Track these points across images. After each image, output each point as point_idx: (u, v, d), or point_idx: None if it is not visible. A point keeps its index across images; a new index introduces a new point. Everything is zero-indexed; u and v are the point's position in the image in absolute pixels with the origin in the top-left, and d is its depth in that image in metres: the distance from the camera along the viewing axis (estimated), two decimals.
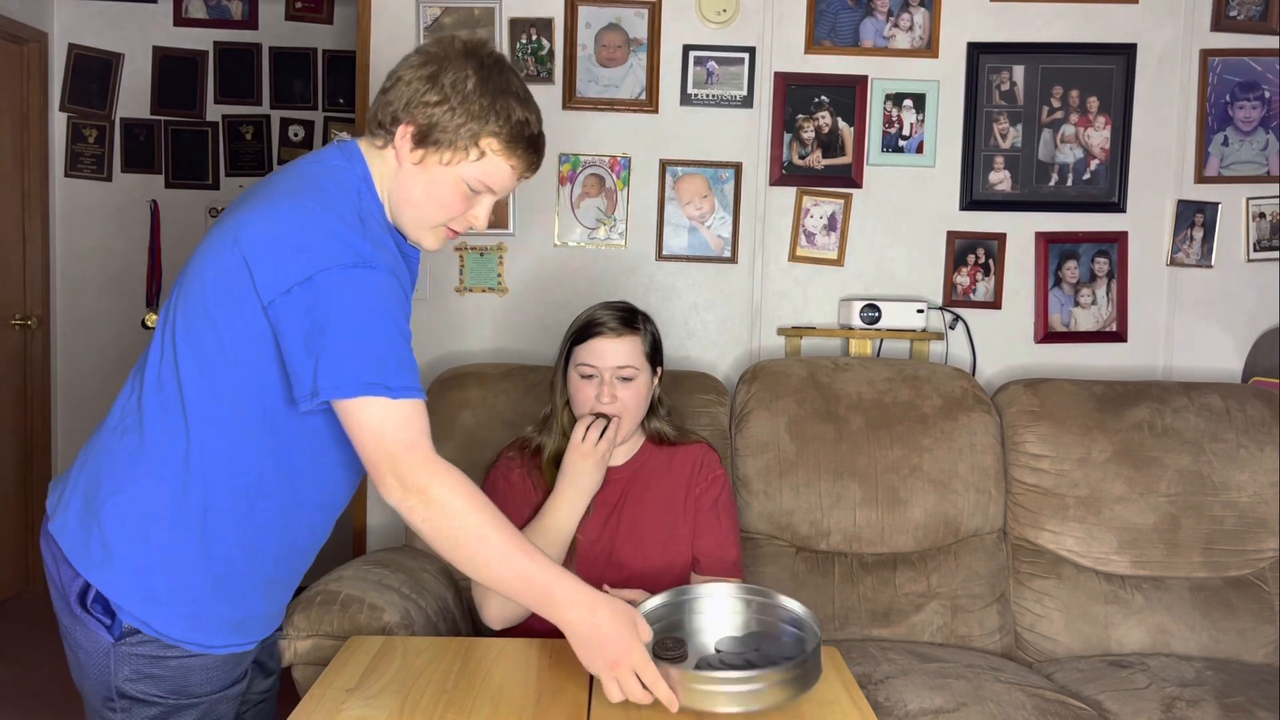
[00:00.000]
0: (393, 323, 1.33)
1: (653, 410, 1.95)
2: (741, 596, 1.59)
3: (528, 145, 1.43)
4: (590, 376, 1.85)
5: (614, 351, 1.84)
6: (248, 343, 1.35)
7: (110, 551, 1.39)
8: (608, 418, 1.83)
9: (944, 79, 2.86)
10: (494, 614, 1.76)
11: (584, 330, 1.88)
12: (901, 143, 2.87)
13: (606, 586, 1.68)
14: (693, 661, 1.46)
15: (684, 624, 1.56)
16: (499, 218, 2.86)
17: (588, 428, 1.82)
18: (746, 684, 1.34)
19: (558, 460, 1.87)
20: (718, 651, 1.49)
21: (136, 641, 1.39)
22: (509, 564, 1.34)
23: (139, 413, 1.41)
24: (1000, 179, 2.88)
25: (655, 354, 1.91)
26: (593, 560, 1.83)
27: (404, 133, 1.39)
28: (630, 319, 1.89)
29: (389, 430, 1.31)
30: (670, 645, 1.45)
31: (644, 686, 1.34)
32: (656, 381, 1.94)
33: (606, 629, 1.35)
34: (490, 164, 1.41)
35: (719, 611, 1.58)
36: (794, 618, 1.55)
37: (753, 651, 1.49)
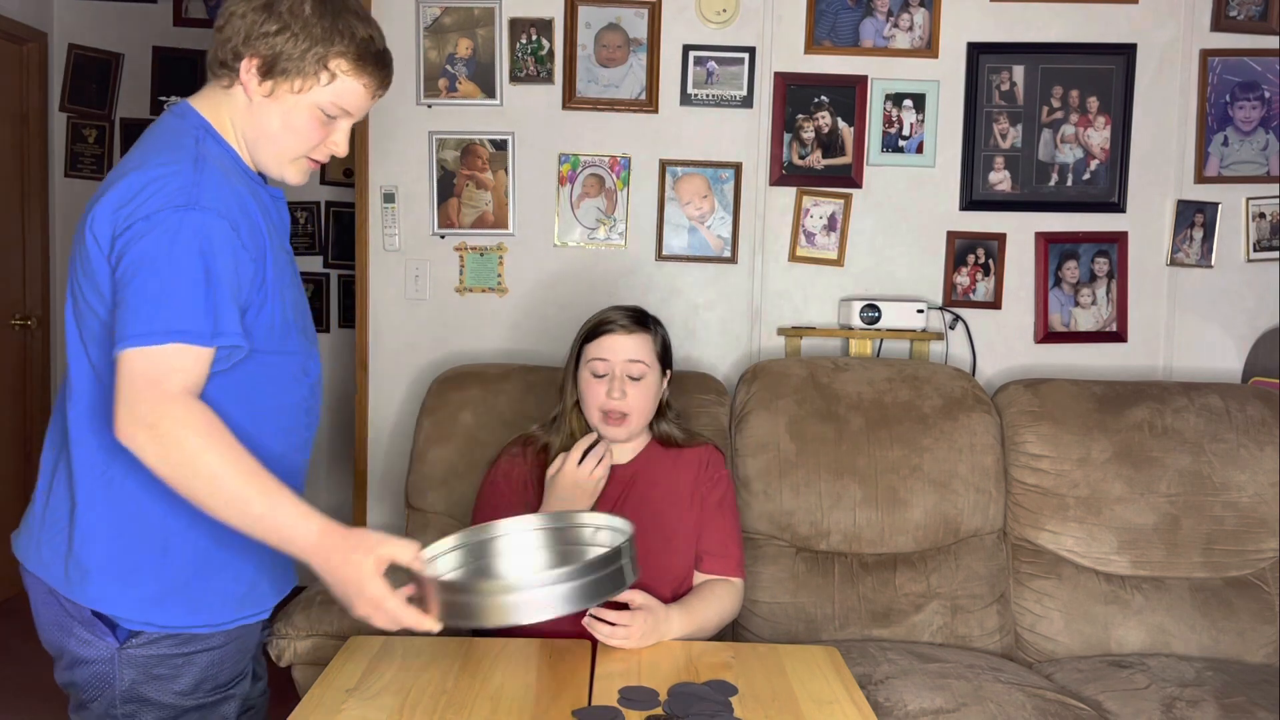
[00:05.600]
0: (200, 264, 1.28)
1: (661, 413, 1.96)
2: (542, 527, 1.55)
3: (376, 61, 1.43)
4: (602, 376, 1.86)
5: (625, 347, 1.86)
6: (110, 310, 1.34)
7: (85, 568, 1.38)
8: (608, 439, 1.82)
9: (944, 79, 2.86)
10: None
11: (595, 329, 1.90)
12: (901, 143, 2.87)
13: None
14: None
15: (489, 568, 1.51)
16: (499, 218, 2.87)
17: (585, 453, 1.81)
18: (505, 593, 1.28)
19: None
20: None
21: (139, 643, 1.39)
22: (243, 509, 1.28)
23: (63, 426, 1.41)
24: (1000, 179, 2.88)
25: (665, 355, 1.93)
26: None
27: (248, 67, 1.38)
28: (641, 319, 1.92)
29: (139, 364, 1.26)
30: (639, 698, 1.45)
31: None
32: (665, 384, 1.94)
33: (340, 574, 1.31)
34: (342, 85, 1.41)
35: (520, 547, 1.53)
36: (604, 531, 1.51)
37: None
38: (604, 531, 1.52)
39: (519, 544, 1.54)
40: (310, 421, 1.52)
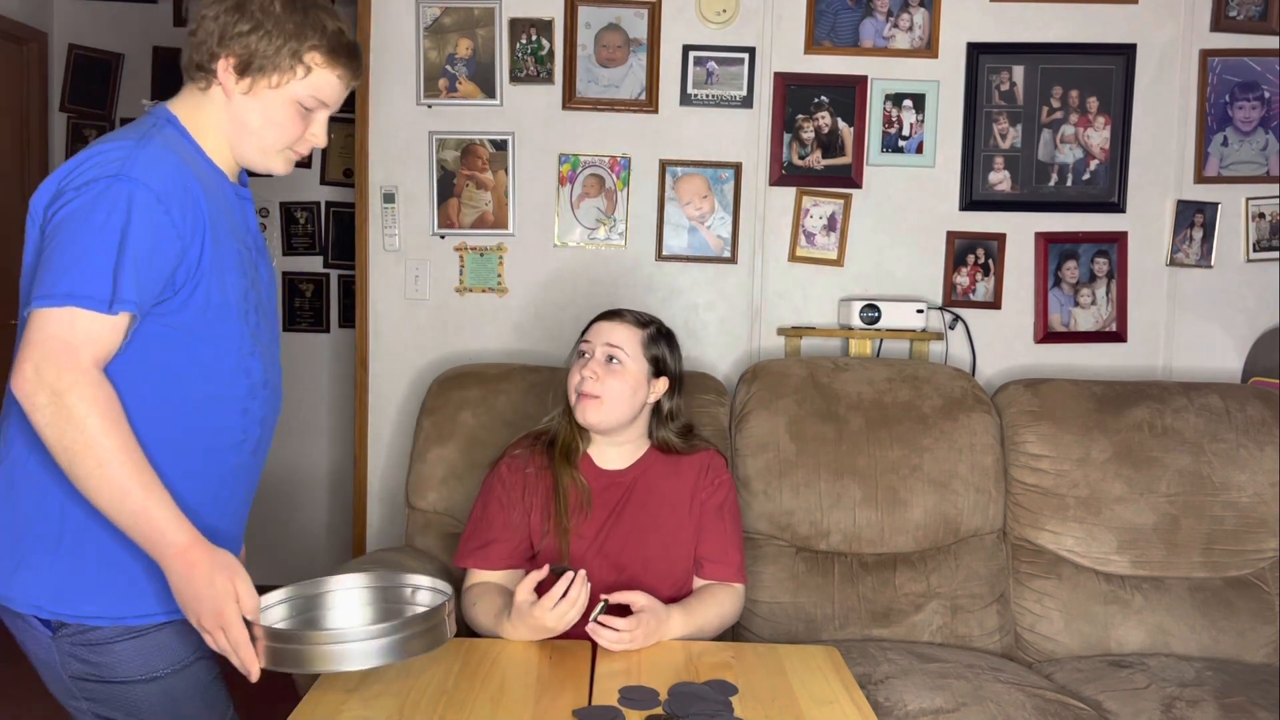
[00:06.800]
0: (116, 232, 1.28)
1: (661, 421, 1.94)
2: (370, 586, 1.60)
3: (347, 53, 1.48)
4: (584, 354, 1.87)
5: (608, 331, 1.87)
6: None
7: (5, 561, 1.38)
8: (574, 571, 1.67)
9: (944, 79, 2.86)
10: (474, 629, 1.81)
11: (593, 319, 1.93)
12: (901, 143, 2.87)
13: (603, 596, 1.68)
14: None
15: (317, 620, 1.56)
16: (499, 218, 2.87)
17: (562, 596, 1.62)
18: (333, 643, 1.34)
19: (566, 450, 1.88)
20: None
21: (67, 634, 1.40)
22: (122, 499, 1.28)
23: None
24: (1000, 179, 2.88)
25: (660, 361, 1.90)
26: (587, 560, 1.82)
27: (225, 67, 1.43)
28: (641, 317, 1.92)
29: (51, 325, 1.26)
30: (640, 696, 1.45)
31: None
32: (665, 394, 1.92)
33: (199, 587, 1.32)
34: (318, 78, 1.46)
35: (349, 604, 1.58)
36: (424, 591, 1.57)
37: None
38: (423, 592, 1.58)
39: (345, 600, 1.59)
40: (248, 424, 1.48)
